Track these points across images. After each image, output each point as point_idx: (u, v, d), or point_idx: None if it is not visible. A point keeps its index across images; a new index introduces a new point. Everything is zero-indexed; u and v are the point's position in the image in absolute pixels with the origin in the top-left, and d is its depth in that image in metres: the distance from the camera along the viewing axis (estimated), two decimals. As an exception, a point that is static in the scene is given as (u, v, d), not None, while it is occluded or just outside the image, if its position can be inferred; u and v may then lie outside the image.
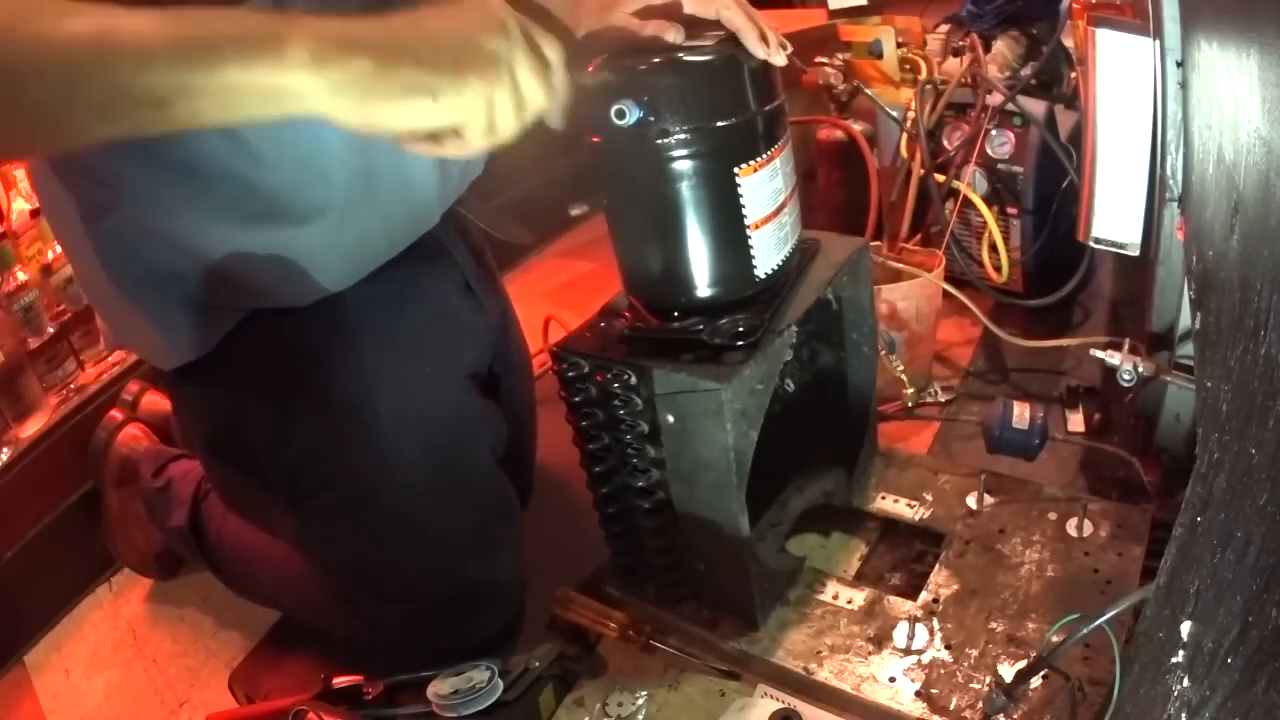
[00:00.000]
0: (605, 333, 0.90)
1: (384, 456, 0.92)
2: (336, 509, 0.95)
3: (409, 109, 0.59)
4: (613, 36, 0.84)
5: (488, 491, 1.02)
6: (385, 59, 0.58)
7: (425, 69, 0.59)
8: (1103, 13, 1.00)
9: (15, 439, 1.30)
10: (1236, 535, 0.45)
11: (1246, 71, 0.54)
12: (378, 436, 0.91)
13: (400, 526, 0.96)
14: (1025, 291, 1.45)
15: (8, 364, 1.30)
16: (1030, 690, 0.82)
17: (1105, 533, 0.97)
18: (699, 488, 0.87)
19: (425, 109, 0.60)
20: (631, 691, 0.94)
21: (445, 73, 0.59)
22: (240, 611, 1.21)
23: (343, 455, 0.92)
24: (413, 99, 0.59)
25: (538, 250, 2.08)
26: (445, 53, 0.60)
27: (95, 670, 1.19)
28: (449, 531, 0.97)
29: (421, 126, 0.61)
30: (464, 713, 0.88)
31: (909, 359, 1.28)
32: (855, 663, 0.89)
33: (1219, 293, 0.59)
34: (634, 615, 0.99)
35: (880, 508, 1.08)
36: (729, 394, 0.80)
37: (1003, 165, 1.41)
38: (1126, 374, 0.95)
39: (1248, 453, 0.45)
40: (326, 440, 0.92)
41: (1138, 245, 1.04)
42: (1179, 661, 0.48)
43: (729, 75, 0.80)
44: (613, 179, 0.85)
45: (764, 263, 0.86)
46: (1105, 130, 1.02)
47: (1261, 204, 0.50)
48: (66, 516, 1.29)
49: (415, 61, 0.59)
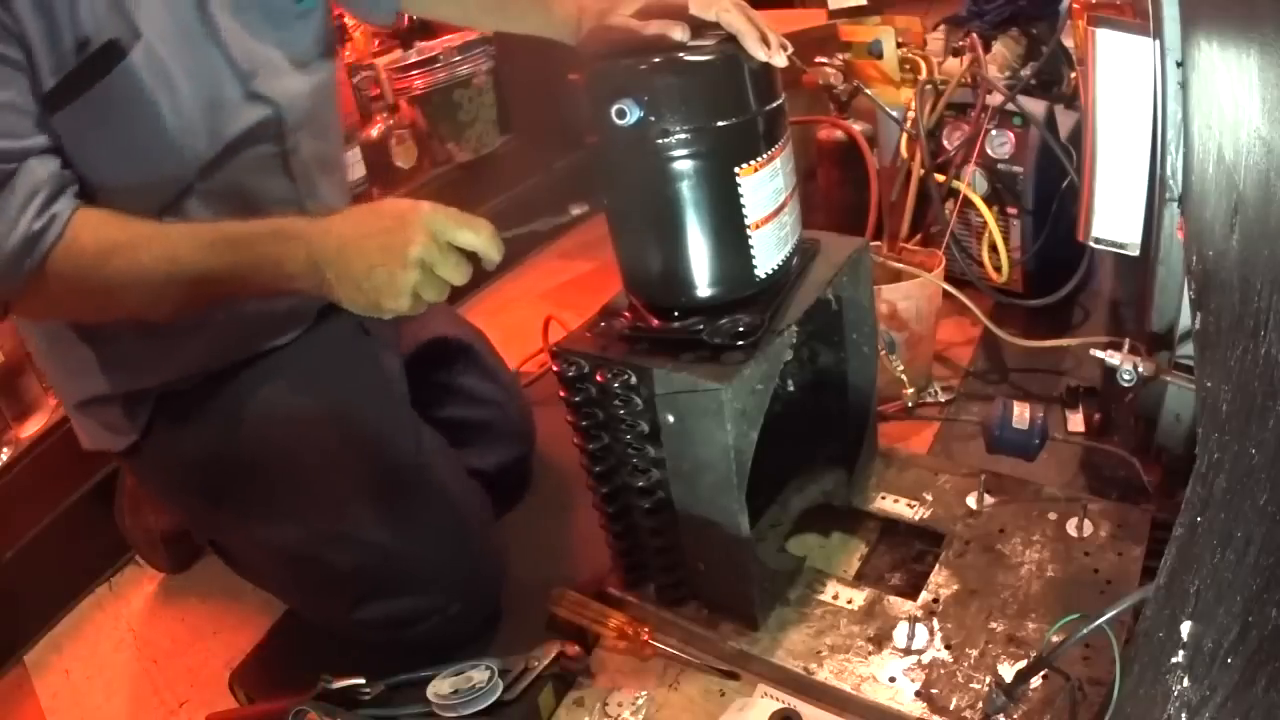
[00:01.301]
0: (605, 333, 0.90)
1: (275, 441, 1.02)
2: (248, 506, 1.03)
3: (362, 310, 0.80)
4: (614, 37, 0.84)
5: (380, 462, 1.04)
6: (343, 286, 0.79)
7: (362, 291, 0.78)
8: (1103, 13, 1.00)
9: (15, 439, 1.30)
10: (1236, 535, 0.45)
11: (1246, 71, 0.54)
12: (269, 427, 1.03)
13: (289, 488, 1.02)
14: (1025, 291, 1.44)
15: (8, 364, 1.30)
16: (1030, 690, 0.82)
17: (1105, 533, 0.97)
18: (699, 488, 0.87)
19: (371, 311, 0.80)
20: (631, 691, 0.94)
21: (374, 295, 0.78)
22: (240, 611, 1.21)
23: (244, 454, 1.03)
24: (362, 307, 0.79)
25: (538, 250, 2.09)
26: (376, 276, 0.77)
27: (95, 670, 1.19)
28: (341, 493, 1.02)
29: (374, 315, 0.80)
30: (464, 713, 0.89)
31: (909, 359, 1.28)
32: (855, 663, 0.89)
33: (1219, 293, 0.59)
34: (634, 615, 0.99)
35: (880, 508, 1.08)
36: (729, 394, 0.80)
37: (1003, 165, 1.41)
38: (1126, 374, 0.95)
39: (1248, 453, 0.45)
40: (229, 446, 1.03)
41: (1138, 245, 1.04)
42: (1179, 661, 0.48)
43: (729, 75, 0.80)
44: (613, 179, 0.85)
45: (764, 263, 0.86)
46: (1105, 130, 1.02)
47: (1261, 204, 0.50)
48: (66, 517, 1.29)
49: (357, 287, 0.78)
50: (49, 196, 0.81)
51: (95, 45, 0.82)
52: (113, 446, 1.06)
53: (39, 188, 0.80)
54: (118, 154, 0.87)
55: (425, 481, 1.04)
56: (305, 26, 1.03)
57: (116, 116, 0.85)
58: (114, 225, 0.83)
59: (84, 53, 0.82)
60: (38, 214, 0.80)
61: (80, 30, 0.81)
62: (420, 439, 1.09)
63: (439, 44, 1.98)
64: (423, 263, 0.76)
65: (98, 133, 0.85)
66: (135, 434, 1.03)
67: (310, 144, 1.04)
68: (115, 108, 0.85)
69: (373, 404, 1.08)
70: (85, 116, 0.84)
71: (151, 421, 1.03)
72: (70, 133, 0.84)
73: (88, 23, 0.81)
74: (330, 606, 1.06)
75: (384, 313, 0.79)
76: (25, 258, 0.80)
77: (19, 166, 0.80)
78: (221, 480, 1.03)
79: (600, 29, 0.89)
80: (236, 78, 0.94)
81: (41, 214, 0.80)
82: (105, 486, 1.30)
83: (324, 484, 1.02)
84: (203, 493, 1.05)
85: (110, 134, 0.86)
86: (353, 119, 1.97)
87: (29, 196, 0.80)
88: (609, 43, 0.84)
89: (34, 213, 0.79)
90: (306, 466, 1.02)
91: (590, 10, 0.94)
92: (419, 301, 0.79)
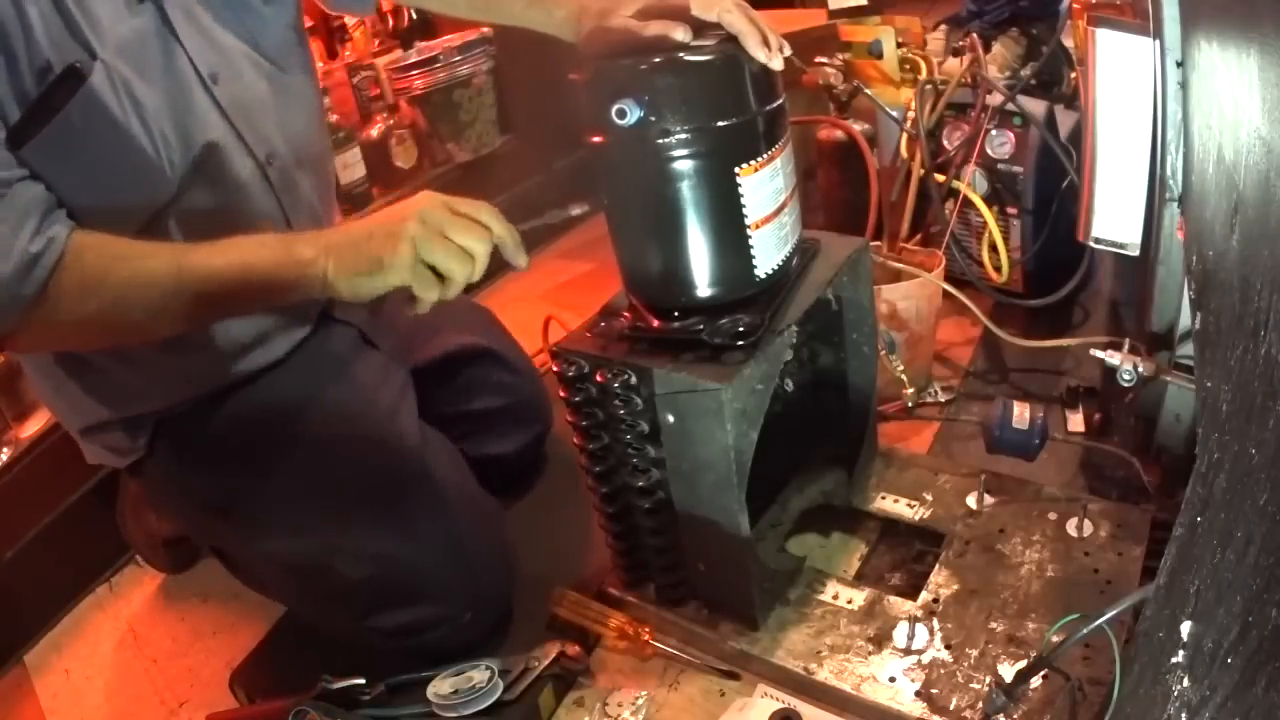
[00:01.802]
0: (605, 333, 0.90)
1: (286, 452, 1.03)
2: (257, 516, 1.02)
3: (367, 280, 0.80)
4: (614, 38, 0.84)
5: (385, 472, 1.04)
6: (343, 253, 0.81)
7: (363, 254, 0.80)
8: (1103, 13, 0.99)
9: (15, 439, 1.30)
10: (1236, 535, 0.45)
11: (1246, 71, 0.54)
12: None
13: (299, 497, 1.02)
14: (1025, 291, 1.44)
15: (8, 364, 1.30)
16: (1030, 690, 0.82)
17: (1105, 533, 0.97)
18: (699, 488, 0.87)
19: (376, 279, 0.80)
20: (631, 691, 0.94)
21: (376, 252, 0.79)
22: (240, 611, 1.21)
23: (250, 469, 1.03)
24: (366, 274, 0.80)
25: (538, 250, 2.09)
26: (375, 239, 0.80)
27: (95, 670, 1.19)
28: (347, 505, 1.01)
29: (380, 290, 0.81)
30: (464, 713, 0.89)
31: (909, 359, 1.28)
32: (855, 663, 0.89)
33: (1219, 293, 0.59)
34: (634, 615, 0.99)
35: (880, 508, 1.08)
36: (729, 394, 0.80)
37: (1003, 165, 1.41)
38: (1126, 374, 0.95)
39: (1248, 453, 0.45)
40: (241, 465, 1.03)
41: (1138, 245, 1.04)
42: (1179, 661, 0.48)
43: (731, 75, 0.80)
44: (613, 179, 0.85)
45: (764, 263, 0.86)
46: (1105, 130, 1.02)
47: (1261, 204, 0.50)
48: (66, 516, 1.29)
49: (356, 250, 0.81)
50: (42, 217, 0.79)
51: (55, 72, 0.80)
52: (117, 464, 1.06)
53: (30, 209, 0.78)
54: (92, 177, 0.84)
55: (432, 492, 1.04)
56: (275, 14, 1.01)
57: (86, 141, 0.83)
58: (116, 239, 0.81)
59: (44, 81, 0.79)
60: (33, 235, 0.77)
61: (39, 58, 0.79)
62: (425, 449, 1.07)
63: (439, 44, 1.98)
64: (421, 219, 0.78)
65: (69, 159, 0.82)
66: (138, 453, 1.03)
67: (286, 149, 1.01)
68: (83, 133, 0.82)
69: (375, 415, 1.07)
70: (54, 145, 0.81)
71: (153, 441, 1.03)
72: (41, 162, 0.81)
73: (45, 50, 0.79)
74: (340, 616, 1.05)
75: (386, 277, 0.79)
76: (25, 281, 0.77)
77: (7, 191, 0.78)
78: (226, 495, 1.03)
79: (600, 30, 0.89)
80: (199, 81, 0.91)
81: (38, 235, 0.78)
82: (105, 486, 1.29)
83: (329, 496, 1.01)
84: (207, 508, 1.05)
85: (82, 158, 0.83)
86: (353, 119, 1.97)
87: (21, 219, 0.77)
88: (610, 43, 0.84)
89: (29, 234, 0.77)
90: (310, 479, 1.02)
91: (591, 10, 0.93)
92: (424, 276, 0.79)
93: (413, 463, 1.04)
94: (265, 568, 1.11)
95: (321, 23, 2.04)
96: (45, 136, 0.80)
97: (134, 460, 1.04)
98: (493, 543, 1.08)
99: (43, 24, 0.79)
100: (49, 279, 0.78)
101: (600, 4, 0.92)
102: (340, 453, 1.03)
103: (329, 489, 1.01)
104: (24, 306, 0.78)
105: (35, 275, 0.77)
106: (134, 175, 0.87)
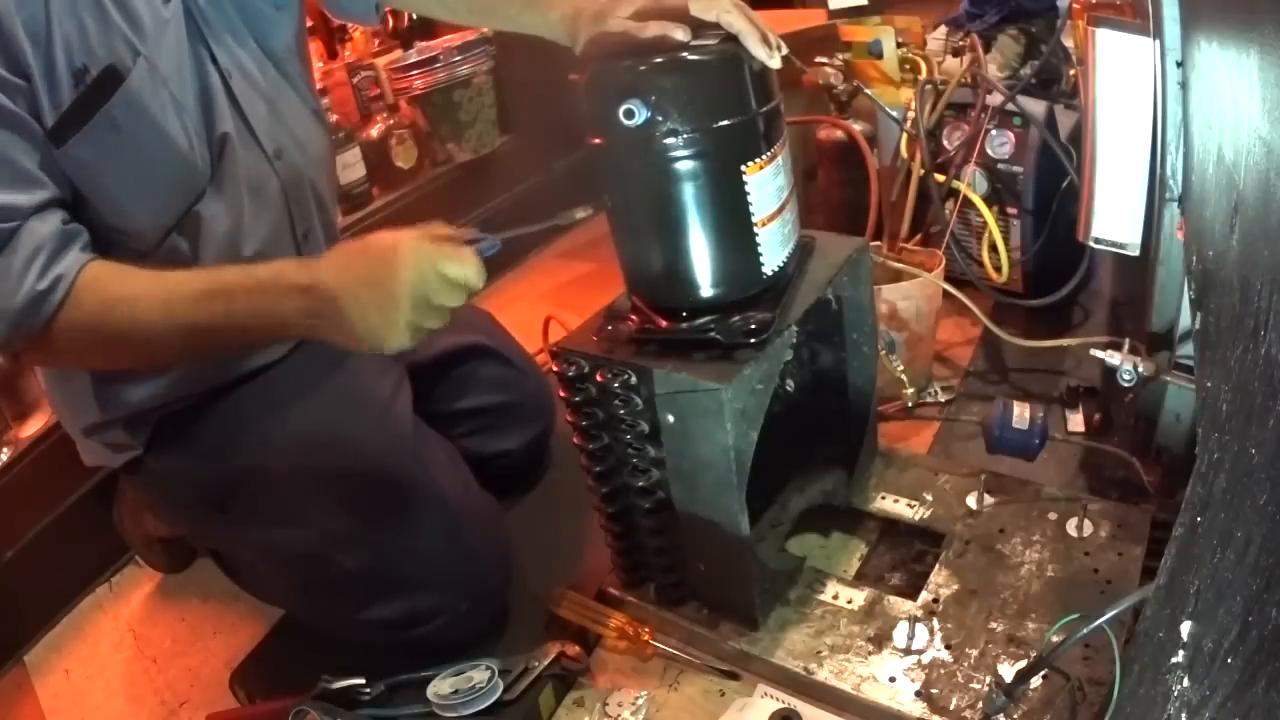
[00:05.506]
0: (612, 336, 0.90)
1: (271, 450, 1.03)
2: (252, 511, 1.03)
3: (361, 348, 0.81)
4: (613, 41, 0.84)
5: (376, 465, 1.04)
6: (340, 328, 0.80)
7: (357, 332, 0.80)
8: (1103, 13, 1.00)
9: (15, 439, 1.30)
10: (1236, 535, 0.45)
11: (1246, 71, 0.54)
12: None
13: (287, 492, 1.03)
14: (1025, 291, 1.45)
15: (7, 364, 1.29)
16: (1030, 690, 0.82)
17: (1105, 533, 0.97)
18: (699, 488, 0.87)
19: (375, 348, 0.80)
20: (632, 691, 0.94)
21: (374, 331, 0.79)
22: (240, 611, 1.21)
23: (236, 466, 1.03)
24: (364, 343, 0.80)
25: (538, 250, 2.09)
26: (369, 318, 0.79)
27: (95, 670, 1.19)
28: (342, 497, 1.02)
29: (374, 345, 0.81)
30: (464, 713, 0.89)
31: (909, 359, 1.28)
32: (855, 663, 0.89)
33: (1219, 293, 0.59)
34: (634, 615, 0.99)
35: (880, 508, 1.08)
36: (729, 394, 0.80)
37: (1003, 165, 1.41)
38: (1126, 374, 0.95)
39: (1248, 453, 0.45)
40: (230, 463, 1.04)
41: (1138, 245, 1.04)
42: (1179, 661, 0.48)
43: (737, 74, 0.80)
44: (618, 180, 0.85)
45: (771, 259, 0.86)
46: (1105, 130, 1.02)
47: (1261, 204, 0.50)
48: (66, 517, 1.29)
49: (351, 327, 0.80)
50: (51, 254, 0.80)
51: (93, 74, 0.82)
52: (114, 464, 1.07)
53: (41, 246, 0.80)
54: (132, 173, 0.87)
55: (427, 481, 1.04)
56: (283, 21, 1.03)
57: (126, 138, 0.85)
58: (115, 281, 0.83)
59: (82, 83, 0.82)
60: (41, 274, 0.80)
61: (75, 61, 0.81)
62: (420, 441, 1.09)
63: (439, 44, 1.98)
64: (413, 297, 0.77)
65: (111, 157, 0.85)
66: (138, 449, 1.04)
67: (293, 146, 1.03)
68: (123, 130, 0.85)
69: (370, 407, 1.08)
70: (92, 145, 0.84)
71: (153, 437, 1.04)
72: (78, 163, 0.84)
73: (81, 52, 0.81)
74: (335, 609, 1.06)
75: (389, 351, 0.80)
76: (31, 317, 0.80)
77: (21, 225, 0.80)
78: (223, 489, 1.03)
79: (601, 34, 0.89)
80: (219, 76, 0.94)
81: (45, 273, 0.80)
82: (105, 486, 1.29)
83: (325, 485, 1.02)
84: (205, 503, 1.05)
85: (124, 156, 0.86)
86: (353, 119, 1.97)
87: (31, 256, 0.79)
88: (609, 46, 0.84)
89: (37, 272, 0.79)
90: (307, 469, 1.02)
91: (586, 12, 0.93)
92: (421, 332, 0.80)
93: (408, 453, 1.05)
94: (262, 562, 1.11)
95: (321, 23, 2.04)
96: (84, 137, 0.83)
97: (132, 458, 1.04)
98: (489, 532, 1.09)
99: (78, 29, 0.81)
100: (55, 314, 0.81)
101: (596, 6, 0.91)
102: (337, 443, 1.03)
103: (325, 478, 1.02)
104: (30, 336, 0.82)
105: (42, 311, 0.80)
106: (172, 168, 0.90)
